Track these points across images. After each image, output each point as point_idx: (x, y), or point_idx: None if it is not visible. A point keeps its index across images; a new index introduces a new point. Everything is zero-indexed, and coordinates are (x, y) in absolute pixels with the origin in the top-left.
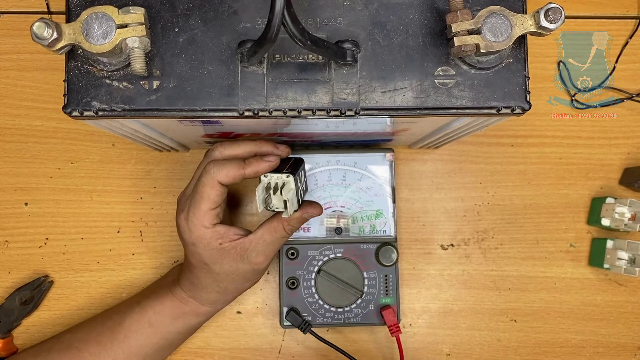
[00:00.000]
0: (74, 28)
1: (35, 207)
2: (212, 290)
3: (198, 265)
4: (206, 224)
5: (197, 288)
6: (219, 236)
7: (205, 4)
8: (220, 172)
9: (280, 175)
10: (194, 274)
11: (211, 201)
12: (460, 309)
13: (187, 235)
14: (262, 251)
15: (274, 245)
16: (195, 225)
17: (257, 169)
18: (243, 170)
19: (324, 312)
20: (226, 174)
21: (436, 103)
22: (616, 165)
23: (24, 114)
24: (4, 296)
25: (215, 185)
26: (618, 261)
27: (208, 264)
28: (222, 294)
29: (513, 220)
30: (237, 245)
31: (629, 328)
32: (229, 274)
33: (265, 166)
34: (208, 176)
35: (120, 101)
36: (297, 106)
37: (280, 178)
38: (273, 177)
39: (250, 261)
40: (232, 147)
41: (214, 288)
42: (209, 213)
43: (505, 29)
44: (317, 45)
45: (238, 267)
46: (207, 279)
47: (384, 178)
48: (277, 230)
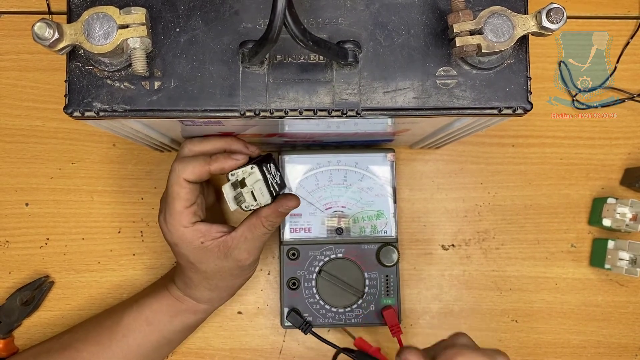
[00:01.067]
0: (75, 28)
1: (36, 208)
2: (204, 288)
3: (186, 265)
4: (184, 223)
5: (190, 287)
6: (200, 235)
7: (207, 5)
8: (186, 169)
9: (245, 169)
10: (185, 273)
11: (183, 199)
12: (461, 310)
13: (169, 237)
14: (245, 248)
15: (256, 242)
16: (174, 226)
17: (223, 166)
18: (208, 166)
19: (325, 313)
20: (192, 171)
21: (437, 103)
22: (617, 165)
23: (25, 114)
24: (4, 297)
25: (182, 183)
26: (619, 261)
27: (194, 263)
28: (215, 291)
29: (514, 220)
30: (220, 244)
31: (630, 328)
32: (216, 272)
33: (231, 163)
34: (174, 174)
35: (122, 101)
36: (299, 106)
37: (245, 172)
38: (238, 172)
39: (235, 258)
40: (201, 144)
41: (205, 286)
42: (185, 212)
43: (507, 30)
44: (318, 46)
45: (223, 264)
46: (197, 278)
47: (385, 178)
48: (256, 226)
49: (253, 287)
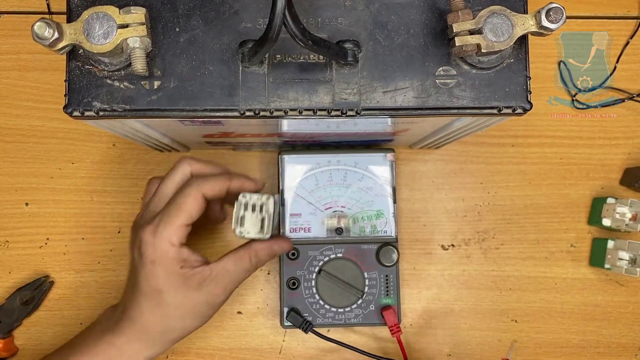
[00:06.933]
0: (75, 28)
1: (35, 207)
2: (153, 330)
3: (148, 293)
4: (174, 240)
5: (136, 328)
6: (181, 259)
7: (206, 4)
8: (206, 184)
9: (260, 196)
10: (138, 308)
11: (189, 215)
12: (461, 309)
13: (150, 252)
14: (222, 282)
15: (235, 277)
16: (163, 240)
17: (242, 184)
18: (229, 182)
19: (325, 313)
20: (212, 186)
21: (437, 103)
22: (617, 165)
23: (25, 114)
24: (4, 296)
25: (199, 197)
26: (619, 261)
27: (162, 291)
28: (165, 335)
29: (514, 220)
30: (197, 273)
31: (630, 328)
32: (179, 307)
33: (250, 184)
34: (192, 188)
35: (121, 101)
36: (298, 106)
37: (259, 199)
38: (253, 196)
39: (209, 291)
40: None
41: (156, 328)
42: (181, 228)
43: (507, 29)
44: (318, 45)
45: (193, 297)
46: (152, 315)
47: (384, 178)
48: (242, 259)
49: (253, 287)
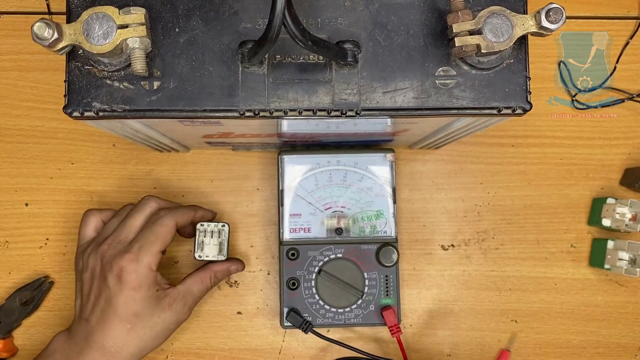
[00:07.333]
0: (75, 28)
1: (35, 208)
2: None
3: (125, 318)
4: (153, 266)
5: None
6: (156, 282)
7: (206, 5)
8: (177, 214)
9: (217, 224)
10: (111, 332)
11: (165, 243)
12: (460, 310)
13: (132, 278)
14: (187, 301)
15: (197, 296)
16: (144, 267)
17: (204, 214)
18: (194, 213)
19: (325, 313)
20: (182, 216)
21: (437, 103)
22: (617, 165)
23: (25, 114)
24: (4, 297)
25: (173, 226)
26: (619, 262)
27: (139, 314)
28: (134, 356)
29: (513, 220)
30: (168, 294)
31: (630, 328)
32: (153, 328)
33: (209, 214)
34: (167, 218)
35: (121, 101)
36: (298, 107)
37: (216, 226)
38: (210, 225)
39: (177, 311)
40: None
41: (129, 351)
42: (157, 255)
43: (506, 29)
44: (317, 46)
45: (166, 318)
46: (125, 338)
47: (384, 178)
48: (204, 280)
49: (253, 287)
